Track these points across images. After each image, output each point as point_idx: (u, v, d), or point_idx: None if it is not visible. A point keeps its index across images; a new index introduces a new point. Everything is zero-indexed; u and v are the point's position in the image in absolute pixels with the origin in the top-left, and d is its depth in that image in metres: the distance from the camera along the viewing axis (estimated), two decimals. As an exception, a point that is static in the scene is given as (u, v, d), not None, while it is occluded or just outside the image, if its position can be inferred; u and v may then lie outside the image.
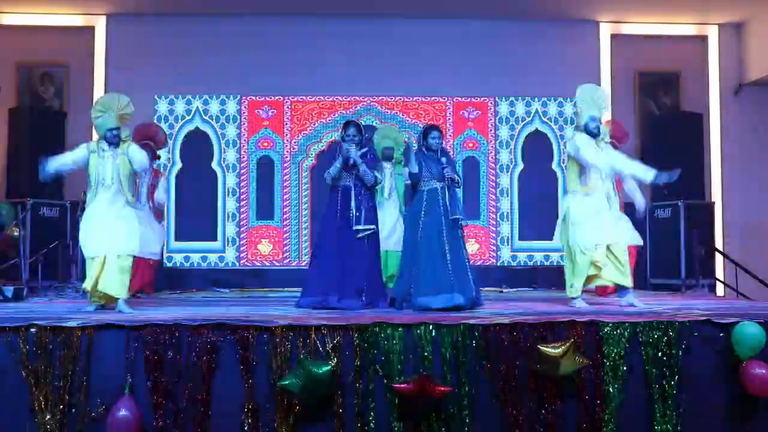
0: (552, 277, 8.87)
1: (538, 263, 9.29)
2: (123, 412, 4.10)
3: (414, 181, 5.84)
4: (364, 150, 5.91)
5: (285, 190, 9.25)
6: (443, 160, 5.77)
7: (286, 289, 8.05)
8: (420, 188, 5.79)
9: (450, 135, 9.34)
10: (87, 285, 5.38)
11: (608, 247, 5.71)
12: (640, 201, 6.37)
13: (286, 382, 4.20)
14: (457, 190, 5.89)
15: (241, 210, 9.21)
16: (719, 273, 8.90)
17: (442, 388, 4.23)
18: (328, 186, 5.98)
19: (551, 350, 4.24)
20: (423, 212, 5.70)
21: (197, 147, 9.24)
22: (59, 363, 4.26)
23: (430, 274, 5.51)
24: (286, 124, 9.28)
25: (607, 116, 9.19)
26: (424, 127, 6.06)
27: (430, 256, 5.57)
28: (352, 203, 5.76)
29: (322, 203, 6.87)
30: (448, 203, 5.68)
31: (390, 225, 6.97)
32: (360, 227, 5.75)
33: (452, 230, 5.66)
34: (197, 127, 9.24)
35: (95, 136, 9.20)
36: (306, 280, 5.94)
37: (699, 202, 8.78)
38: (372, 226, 5.83)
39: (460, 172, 9.45)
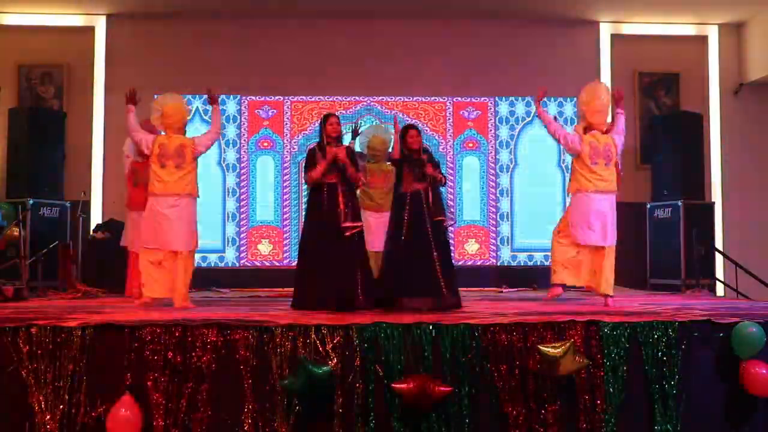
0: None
1: (538, 263, 9.28)
2: (123, 412, 4.10)
3: (395, 165, 5.79)
4: (348, 146, 5.80)
5: (285, 190, 9.25)
6: (424, 158, 5.71)
7: (286, 289, 8.01)
8: (402, 190, 5.73)
9: (450, 135, 9.34)
10: None
11: None
12: None
13: (286, 382, 4.20)
14: (441, 189, 5.83)
15: (241, 210, 9.21)
16: (719, 273, 8.90)
17: (442, 388, 4.23)
18: (308, 187, 5.86)
19: (551, 350, 4.24)
20: (406, 214, 5.63)
21: (197, 147, 9.23)
22: (59, 363, 4.26)
23: (414, 275, 5.48)
24: (286, 124, 9.28)
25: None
26: (401, 129, 5.86)
27: (415, 258, 5.52)
28: (340, 200, 5.61)
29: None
30: (432, 204, 5.64)
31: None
32: (349, 224, 5.60)
33: (436, 231, 5.62)
34: (197, 127, 9.25)
35: (95, 136, 9.34)
36: (297, 284, 5.76)
37: (699, 202, 8.78)
38: (360, 224, 5.71)
39: (461, 172, 9.68)
